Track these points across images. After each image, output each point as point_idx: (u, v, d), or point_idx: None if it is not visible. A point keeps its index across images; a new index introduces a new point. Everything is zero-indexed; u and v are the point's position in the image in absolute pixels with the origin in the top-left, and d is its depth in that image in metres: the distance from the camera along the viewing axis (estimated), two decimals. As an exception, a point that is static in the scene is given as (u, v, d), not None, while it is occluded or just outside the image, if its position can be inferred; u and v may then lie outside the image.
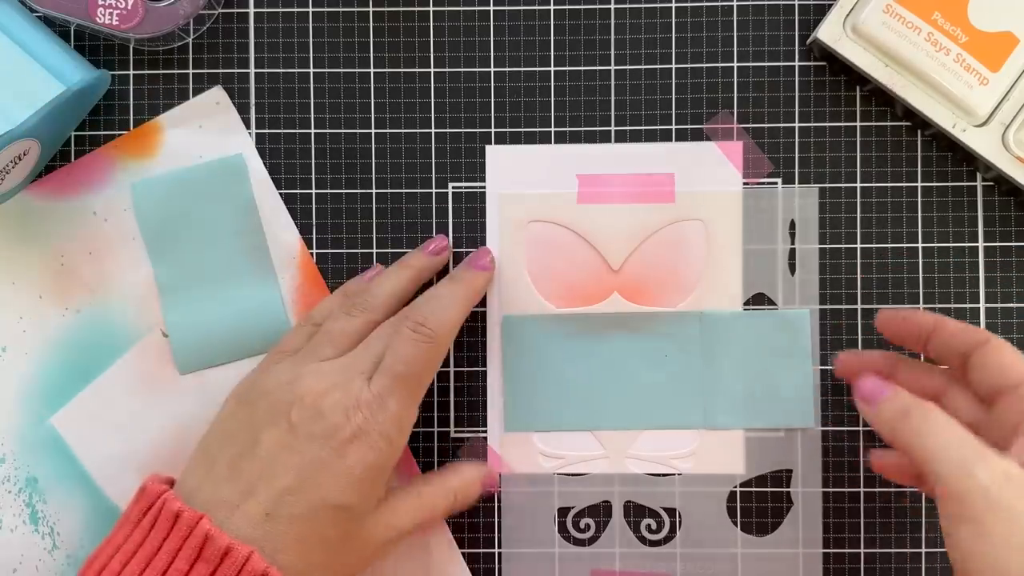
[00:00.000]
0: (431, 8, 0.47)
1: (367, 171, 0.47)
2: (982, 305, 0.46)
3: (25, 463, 0.47)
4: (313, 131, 0.47)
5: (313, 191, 0.47)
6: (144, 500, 0.39)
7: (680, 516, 0.46)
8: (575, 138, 0.47)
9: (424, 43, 0.47)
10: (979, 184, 0.46)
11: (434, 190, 0.47)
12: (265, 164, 0.47)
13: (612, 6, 0.47)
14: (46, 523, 0.46)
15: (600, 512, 0.46)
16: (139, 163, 0.47)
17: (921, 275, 0.46)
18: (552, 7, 0.47)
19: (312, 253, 0.47)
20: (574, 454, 0.46)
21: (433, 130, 0.47)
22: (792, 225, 0.46)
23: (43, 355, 0.47)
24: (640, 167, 0.46)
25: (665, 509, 0.46)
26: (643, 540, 0.46)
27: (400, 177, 0.47)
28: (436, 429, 0.47)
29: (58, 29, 0.46)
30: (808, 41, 0.46)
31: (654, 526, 0.46)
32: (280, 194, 0.47)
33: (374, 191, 0.47)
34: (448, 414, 0.47)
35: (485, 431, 0.47)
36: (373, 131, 0.47)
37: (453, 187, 0.47)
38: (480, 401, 0.46)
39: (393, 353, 0.40)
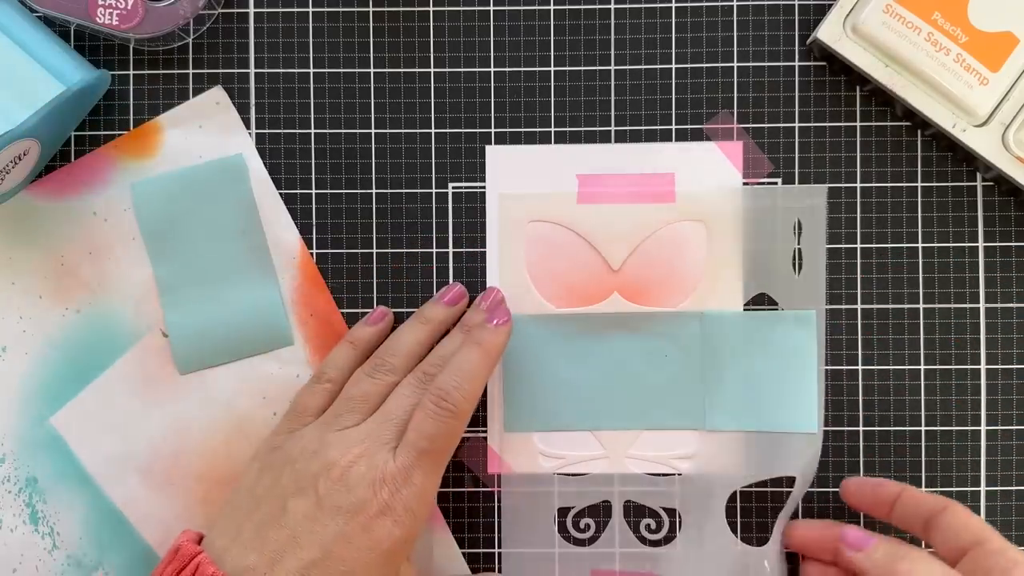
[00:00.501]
0: (431, 8, 0.47)
1: (367, 171, 0.47)
2: (982, 305, 0.46)
3: (25, 463, 0.47)
4: (313, 131, 0.47)
5: (313, 191, 0.47)
6: (178, 561, 0.39)
7: (680, 517, 0.46)
8: (575, 138, 0.47)
9: (424, 43, 0.47)
10: (979, 184, 0.46)
11: (434, 190, 0.47)
12: (265, 164, 0.47)
13: (612, 6, 0.47)
14: (46, 523, 0.46)
15: (600, 512, 0.46)
16: (139, 163, 0.47)
17: (921, 275, 0.46)
18: (552, 7, 0.47)
19: (312, 253, 0.47)
20: (574, 454, 0.46)
21: (433, 130, 0.47)
22: (798, 225, 0.46)
23: (43, 355, 0.47)
24: (640, 167, 0.46)
25: (665, 509, 0.46)
26: (643, 540, 0.46)
27: (400, 177, 0.47)
28: (436, 429, 0.47)
29: (58, 29, 0.46)
30: (808, 41, 0.46)
31: (654, 526, 0.46)
32: (280, 194, 0.47)
33: (374, 191, 0.47)
34: (448, 414, 0.47)
35: (485, 431, 0.46)
36: (373, 131, 0.47)
37: (453, 187, 0.47)
38: (480, 401, 0.46)
39: (416, 429, 0.40)
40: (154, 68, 0.47)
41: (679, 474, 0.46)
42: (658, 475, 0.46)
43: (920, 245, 0.46)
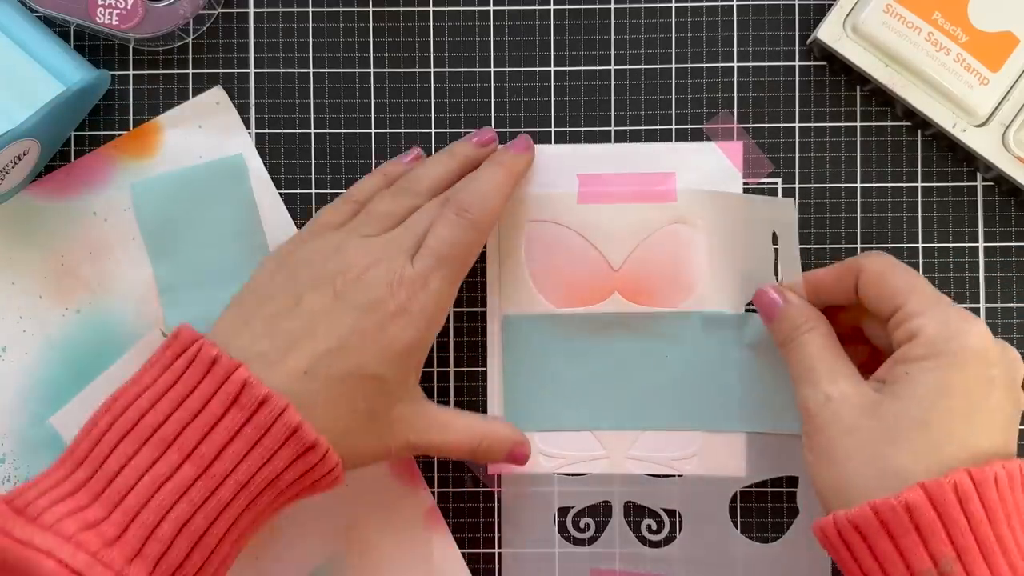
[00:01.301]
0: (431, 8, 0.47)
1: (367, 171, 0.47)
2: (982, 305, 0.46)
3: (25, 463, 0.46)
4: (313, 131, 0.47)
5: (313, 191, 0.47)
6: (177, 345, 0.39)
7: (681, 517, 0.46)
8: (575, 138, 0.47)
9: (424, 43, 0.47)
10: (979, 184, 0.46)
11: (434, 190, 0.47)
12: (265, 164, 0.47)
13: (612, 6, 0.47)
14: (46, 523, 0.46)
15: (600, 512, 0.46)
16: (139, 163, 0.47)
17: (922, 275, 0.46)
18: (552, 7, 0.47)
19: (312, 253, 0.47)
20: (574, 454, 0.46)
21: (433, 130, 0.47)
22: (774, 237, 0.45)
23: (43, 355, 0.47)
24: (641, 167, 0.46)
25: (666, 510, 0.46)
26: (643, 540, 0.46)
27: (400, 177, 0.47)
28: (436, 429, 0.47)
29: (58, 29, 0.46)
30: (808, 41, 0.46)
31: (654, 527, 0.46)
32: (280, 194, 0.47)
33: (374, 191, 0.47)
34: (448, 414, 0.47)
35: (485, 431, 0.47)
36: (373, 131, 0.47)
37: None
38: (480, 401, 0.46)
39: (436, 235, 0.40)
40: (154, 68, 0.47)
41: (680, 475, 0.46)
42: (659, 476, 0.46)
43: (920, 245, 0.46)
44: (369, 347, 0.39)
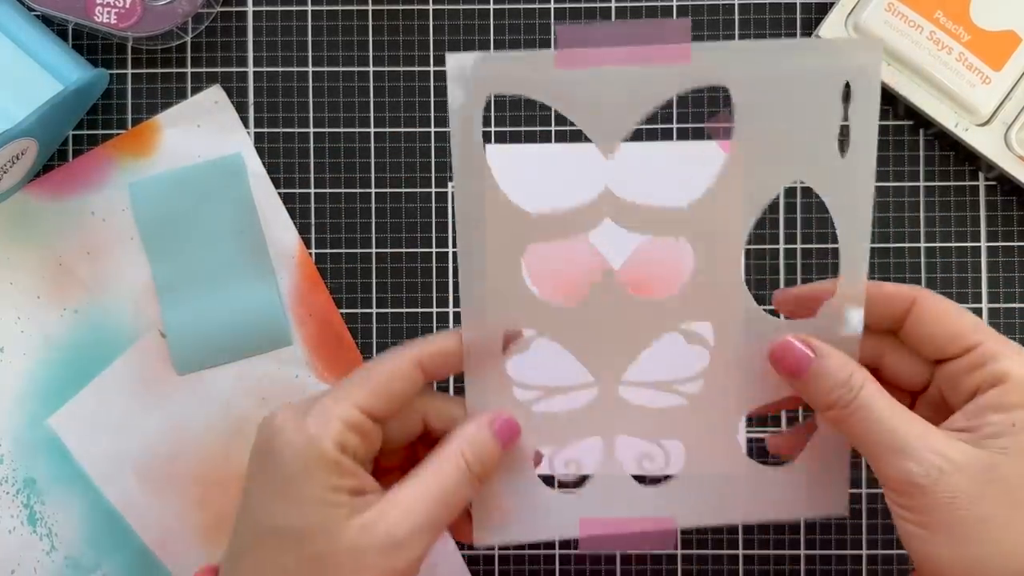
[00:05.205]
0: (431, 7, 0.47)
1: (366, 171, 0.47)
2: (984, 305, 0.46)
3: (23, 464, 0.46)
4: (312, 130, 0.47)
5: (312, 191, 0.47)
6: None
7: (683, 450, 0.39)
8: (575, 137, 0.46)
9: (424, 42, 0.47)
10: (981, 184, 0.46)
11: (433, 190, 0.47)
12: (264, 163, 0.47)
13: (613, 5, 0.47)
14: (44, 524, 0.46)
15: (588, 452, 0.39)
16: (137, 162, 0.47)
17: (923, 275, 0.46)
18: (552, 5, 0.47)
19: (311, 253, 0.47)
20: (555, 384, 0.38)
21: (433, 129, 0.47)
22: (847, 91, 0.35)
23: (41, 355, 0.46)
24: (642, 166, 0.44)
25: (664, 443, 0.39)
26: (640, 480, 0.39)
27: (400, 177, 0.47)
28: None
29: (56, 28, 0.46)
30: (809, 40, 0.46)
31: (652, 463, 0.39)
32: (279, 193, 0.47)
33: (373, 191, 0.47)
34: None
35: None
36: (372, 131, 0.47)
37: (453, 187, 0.47)
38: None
39: None
40: (152, 67, 0.47)
41: (683, 403, 0.38)
42: (657, 407, 0.38)
43: (922, 245, 0.46)
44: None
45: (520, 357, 0.37)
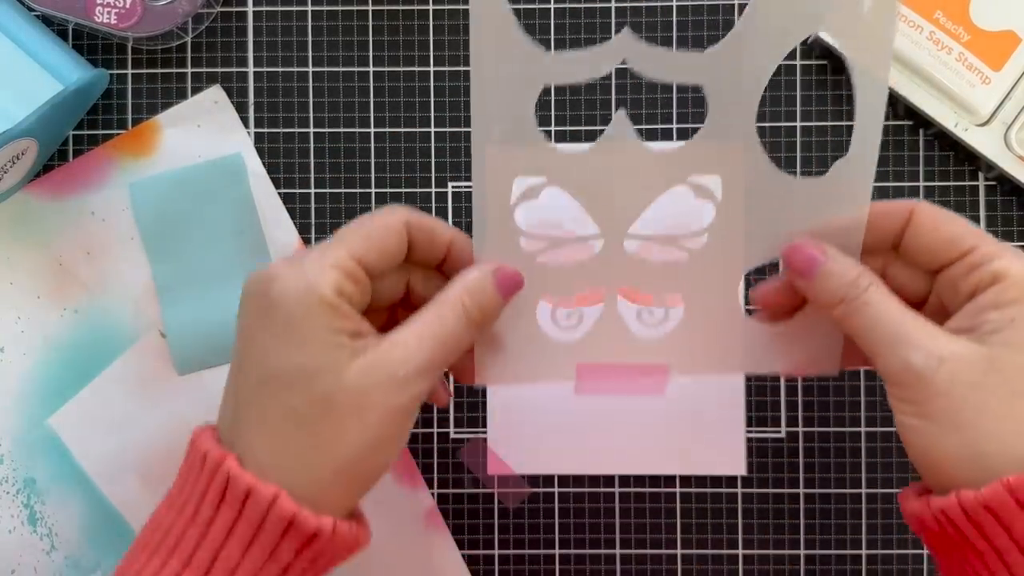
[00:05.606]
0: (431, 7, 0.47)
1: (366, 171, 0.47)
2: (984, 305, 0.46)
3: (23, 464, 0.46)
4: (312, 130, 0.47)
5: (312, 191, 0.47)
6: (190, 444, 0.36)
7: (682, 304, 0.39)
8: (575, 137, 0.46)
9: (424, 42, 0.47)
10: (981, 184, 0.46)
11: (434, 190, 0.47)
12: (264, 163, 0.47)
13: (613, 4, 0.47)
14: (44, 524, 0.46)
15: (590, 303, 0.39)
16: (137, 162, 0.47)
17: (923, 275, 0.46)
18: (552, 5, 0.47)
19: (311, 253, 0.47)
20: (560, 234, 0.38)
21: (433, 129, 0.47)
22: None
23: (41, 355, 0.46)
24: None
25: (664, 297, 0.39)
26: (637, 330, 0.39)
27: (400, 177, 0.47)
28: (436, 430, 0.46)
29: (56, 28, 0.46)
30: (809, 40, 0.46)
31: (650, 316, 0.39)
32: (279, 193, 0.47)
33: (373, 191, 0.47)
34: (448, 415, 0.46)
35: (485, 431, 0.46)
36: (373, 131, 0.47)
37: (453, 187, 0.47)
38: (480, 402, 0.46)
39: None
40: (152, 67, 0.47)
41: (687, 256, 0.38)
42: (662, 261, 0.38)
43: (922, 245, 0.46)
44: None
45: (528, 205, 0.37)
